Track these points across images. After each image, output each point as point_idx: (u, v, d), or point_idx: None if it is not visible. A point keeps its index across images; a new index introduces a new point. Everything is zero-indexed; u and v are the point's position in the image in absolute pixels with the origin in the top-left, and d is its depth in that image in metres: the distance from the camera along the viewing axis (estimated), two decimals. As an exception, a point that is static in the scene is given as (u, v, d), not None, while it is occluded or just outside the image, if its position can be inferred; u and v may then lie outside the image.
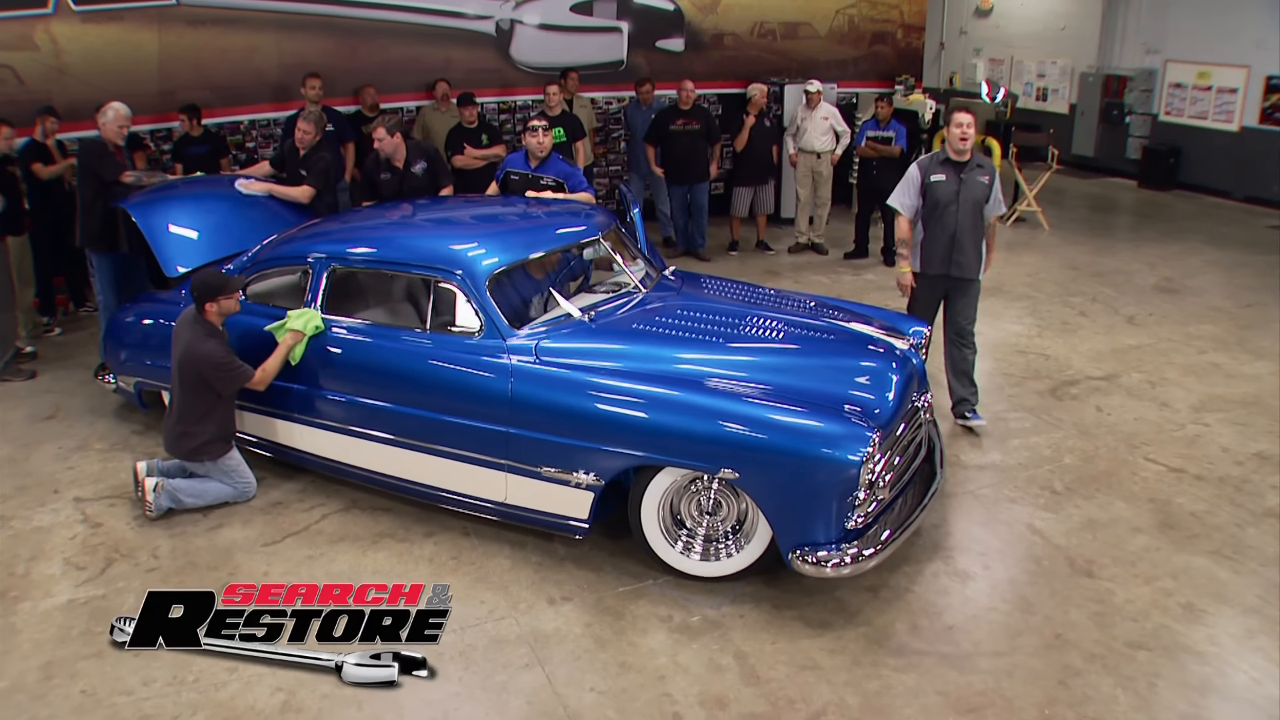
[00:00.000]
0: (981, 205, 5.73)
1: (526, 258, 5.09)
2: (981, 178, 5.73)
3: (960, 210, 5.70)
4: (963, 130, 5.65)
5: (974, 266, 5.83)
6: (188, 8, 8.87)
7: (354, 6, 9.60)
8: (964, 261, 5.78)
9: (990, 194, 5.77)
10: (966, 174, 5.71)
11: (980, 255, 5.84)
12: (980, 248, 5.83)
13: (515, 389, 4.51)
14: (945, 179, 5.72)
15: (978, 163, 5.77)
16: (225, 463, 5.13)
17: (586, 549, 4.72)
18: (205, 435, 5.03)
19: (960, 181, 5.70)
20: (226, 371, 4.93)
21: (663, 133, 9.49)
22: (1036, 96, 15.33)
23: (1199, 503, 5.14)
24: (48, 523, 5.04)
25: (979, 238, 5.78)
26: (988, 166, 5.80)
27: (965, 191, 5.69)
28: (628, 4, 10.88)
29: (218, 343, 4.97)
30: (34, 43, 8.34)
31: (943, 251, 5.79)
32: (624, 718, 3.64)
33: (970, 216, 5.71)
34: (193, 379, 4.94)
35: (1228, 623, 4.16)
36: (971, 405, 6.01)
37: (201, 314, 4.99)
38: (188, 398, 4.99)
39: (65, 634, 4.12)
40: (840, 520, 4.07)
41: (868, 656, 3.96)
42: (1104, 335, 7.65)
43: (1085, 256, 9.99)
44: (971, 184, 5.70)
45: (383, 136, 6.68)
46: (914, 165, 5.92)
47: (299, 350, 5.02)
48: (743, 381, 4.38)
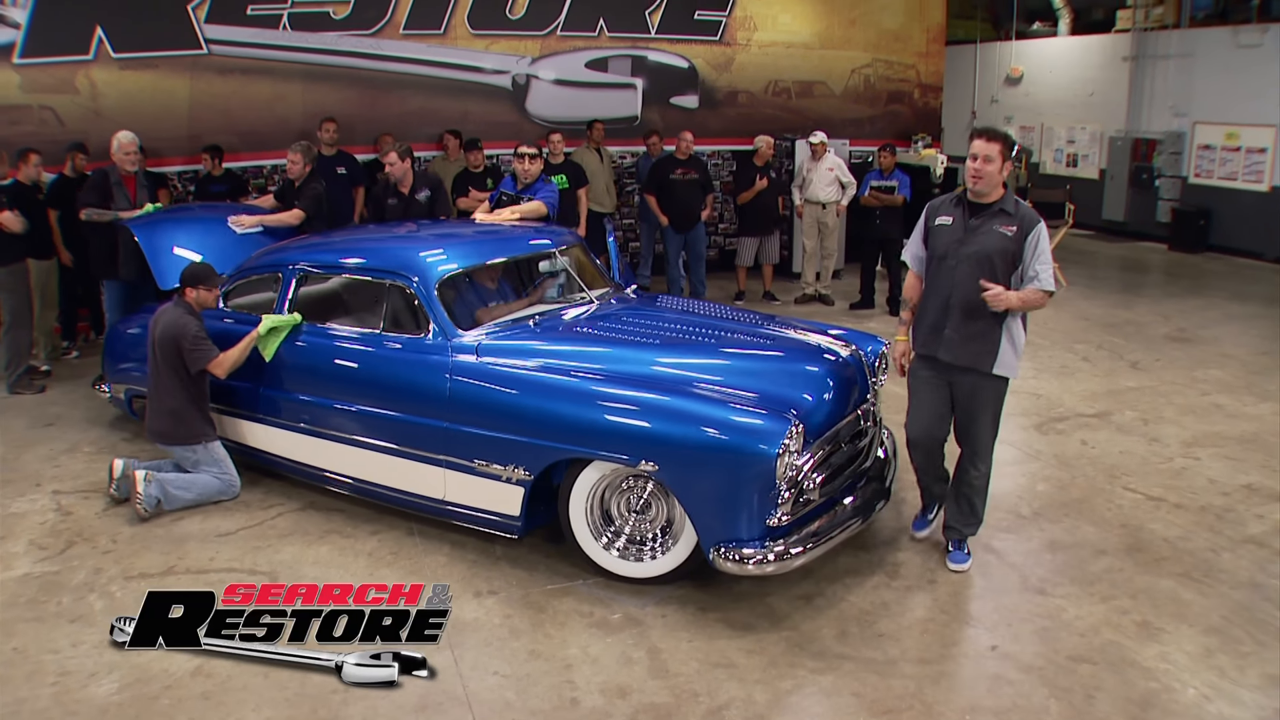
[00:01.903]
0: (994, 265, 4.16)
1: (479, 264, 5.20)
2: (1003, 228, 4.16)
3: (959, 268, 4.21)
4: (978, 163, 4.15)
5: (976, 353, 4.25)
6: (218, 57, 9.35)
7: (375, 59, 10.01)
8: (956, 342, 4.26)
9: (1019, 253, 4.17)
10: (981, 220, 4.22)
11: (994, 338, 4.22)
12: (995, 327, 4.22)
13: (453, 385, 4.57)
14: (951, 223, 4.30)
15: (1003, 208, 4.21)
16: (215, 451, 5.24)
17: (524, 550, 4.68)
18: (191, 414, 5.16)
19: (967, 229, 4.25)
20: (196, 345, 5.09)
21: (662, 181, 9.59)
22: (1066, 162, 15.24)
23: (1173, 529, 4.91)
24: (23, 510, 5.23)
25: (989, 312, 4.18)
26: (1024, 217, 4.19)
27: (971, 243, 4.20)
28: (642, 61, 11.18)
29: (194, 320, 5.15)
30: (74, 86, 8.86)
31: (930, 322, 4.37)
32: (521, 700, 3.57)
33: (972, 278, 4.15)
34: (171, 356, 5.09)
35: (1185, 641, 3.94)
36: (960, 536, 4.57)
37: (182, 297, 5.22)
38: (168, 376, 5.13)
39: (13, 601, 4.28)
40: (762, 516, 3.98)
41: (786, 658, 3.83)
42: (1103, 378, 7.44)
43: (1099, 310, 9.78)
44: (985, 235, 4.19)
45: (394, 161, 6.95)
46: (928, 205, 4.59)
47: (272, 346, 5.13)
48: (671, 380, 4.34)
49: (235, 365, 5.15)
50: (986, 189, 4.21)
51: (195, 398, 5.21)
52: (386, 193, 7.14)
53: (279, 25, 9.49)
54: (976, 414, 4.38)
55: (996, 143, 4.16)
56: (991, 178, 4.17)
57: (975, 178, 4.18)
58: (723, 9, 11.42)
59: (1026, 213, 4.24)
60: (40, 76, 8.71)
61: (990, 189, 4.21)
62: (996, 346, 4.24)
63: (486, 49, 10.52)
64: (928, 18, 12.32)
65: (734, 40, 11.58)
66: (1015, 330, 4.27)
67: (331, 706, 3.52)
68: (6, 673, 3.73)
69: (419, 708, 3.52)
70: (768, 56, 11.77)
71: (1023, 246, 4.17)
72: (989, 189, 4.21)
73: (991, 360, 4.25)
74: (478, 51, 10.49)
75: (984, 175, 4.16)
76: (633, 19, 11.07)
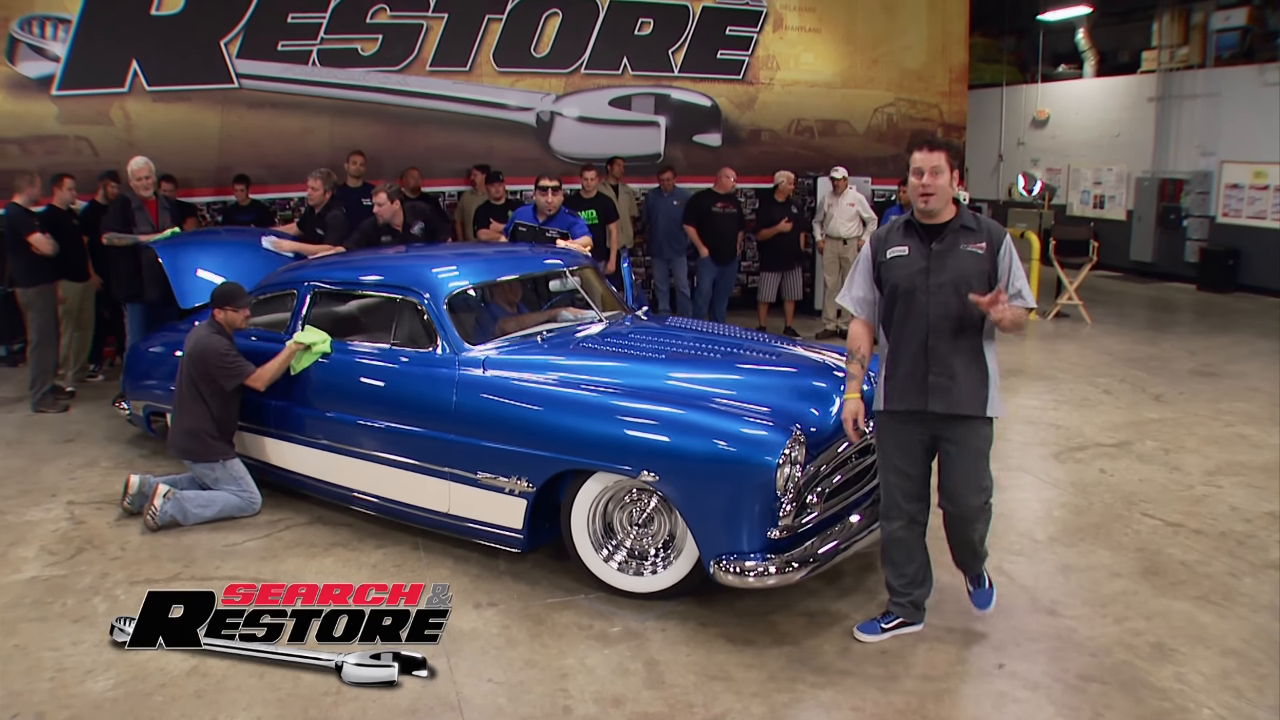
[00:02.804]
0: (972, 288, 3.60)
1: (489, 281, 5.25)
2: (972, 247, 3.65)
3: (933, 301, 3.66)
4: (925, 178, 3.60)
5: (968, 395, 3.68)
6: (249, 91, 9.61)
7: (402, 95, 10.22)
8: (949, 389, 3.67)
9: (994, 273, 3.65)
10: (945, 243, 3.68)
11: (982, 375, 3.69)
12: (982, 361, 3.70)
13: (459, 398, 4.59)
14: (908, 254, 3.72)
15: (964, 224, 3.69)
16: (234, 468, 5.27)
17: (528, 566, 4.66)
18: (210, 430, 5.19)
19: (930, 255, 3.69)
20: (229, 364, 5.14)
21: (704, 215, 9.67)
22: (1093, 204, 15.17)
23: (1192, 554, 4.80)
24: (38, 518, 5.32)
25: (974, 345, 3.68)
26: (989, 231, 3.71)
27: (941, 270, 3.65)
28: (665, 99, 11.33)
29: (224, 340, 5.22)
30: (109, 117, 9.14)
31: (910, 370, 3.72)
32: (513, 706, 3.53)
33: (952, 309, 3.64)
34: (199, 374, 5.15)
35: (1201, 663, 3.82)
36: (977, 572, 4.06)
37: (213, 318, 5.30)
38: (192, 394, 5.18)
39: (18, 601, 4.33)
40: (763, 529, 3.93)
41: (786, 673, 3.76)
42: (1125, 410, 7.33)
43: (1124, 346, 9.66)
44: (954, 258, 3.66)
45: (383, 202, 6.86)
46: (872, 237, 3.96)
47: (304, 363, 5.15)
48: (675, 393, 4.33)
49: (273, 379, 5.17)
50: (938, 206, 3.66)
51: (220, 417, 5.23)
52: (378, 231, 6.96)
53: (308, 61, 9.75)
54: (974, 468, 3.75)
55: (941, 152, 3.65)
56: (943, 192, 3.64)
57: (925, 195, 3.63)
58: (745, 49, 11.56)
59: (989, 225, 3.76)
60: (77, 108, 8.99)
61: (942, 206, 3.67)
62: (986, 381, 3.70)
63: (511, 86, 10.71)
64: (950, 57, 12.39)
65: (757, 79, 11.71)
66: (993, 362, 3.75)
67: (323, 708, 3.50)
68: (5, 668, 3.76)
69: (410, 711, 3.49)
70: (790, 95, 11.88)
71: (996, 263, 3.66)
72: (940, 206, 3.67)
73: (985, 400, 3.70)
74: (503, 88, 10.68)
75: (935, 190, 3.62)
76: (656, 58, 11.23)
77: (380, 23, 9.97)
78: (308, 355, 5.13)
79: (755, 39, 11.57)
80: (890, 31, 12.08)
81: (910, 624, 4.03)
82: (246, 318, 5.39)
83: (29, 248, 7.09)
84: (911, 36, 12.20)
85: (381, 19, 9.97)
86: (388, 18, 9.99)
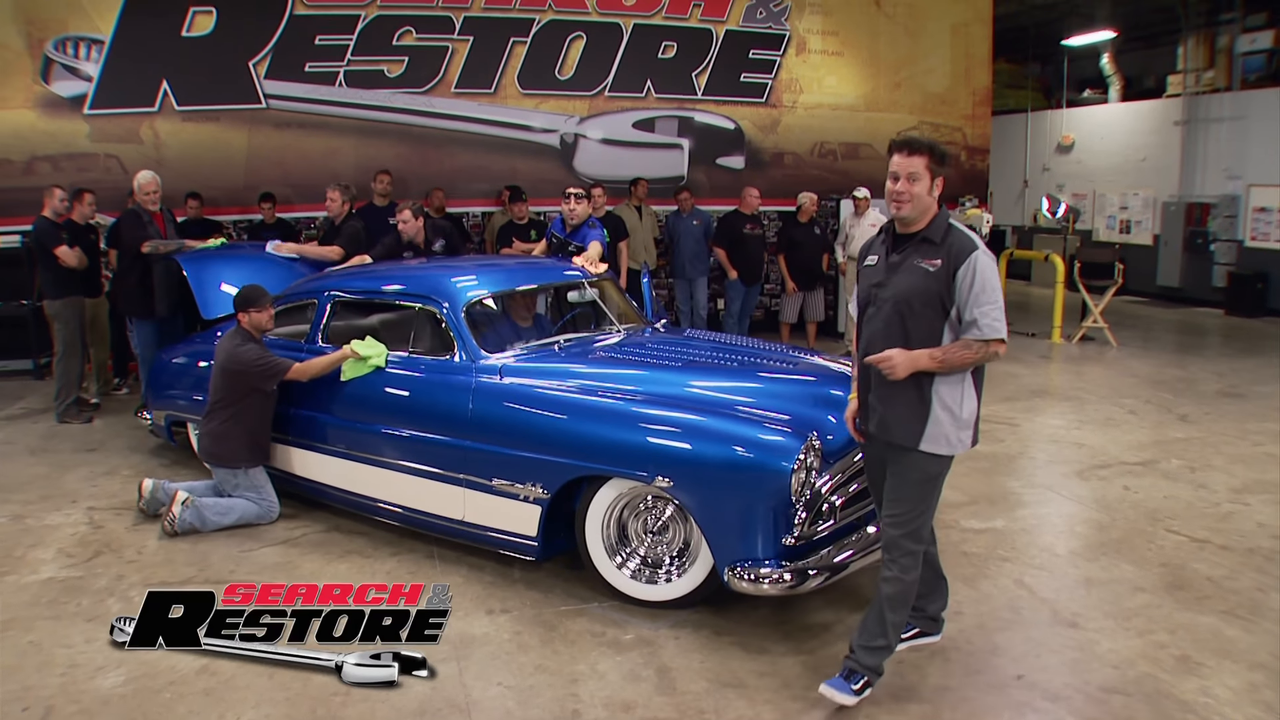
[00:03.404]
0: (914, 312, 3.28)
1: (507, 290, 5.27)
2: (924, 262, 3.28)
3: (878, 315, 3.38)
4: (900, 184, 3.25)
5: (898, 423, 3.36)
6: (276, 111, 9.76)
7: (427, 116, 10.34)
8: (880, 413, 3.40)
9: (946, 294, 3.25)
10: (903, 255, 3.35)
11: (921, 406, 3.32)
12: (921, 392, 3.31)
13: (475, 404, 4.59)
14: (875, 263, 3.46)
15: (926, 236, 3.31)
16: (256, 476, 5.29)
17: (542, 575, 4.63)
18: (240, 437, 5.20)
19: (888, 267, 3.39)
20: (264, 366, 5.14)
21: (733, 237, 9.69)
22: (1120, 229, 15.05)
23: (1218, 569, 4.70)
24: (57, 522, 5.38)
25: (914, 378, 3.30)
26: (952, 246, 3.27)
27: (890, 285, 3.35)
28: (689, 122, 11.38)
29: (255, 346, 5.22)
30: (139, 136, 9.31)
31: (860, 386, 3.56)
32: (522, 710, 3.49)
33: (888, 330, 3.33)
34: (231, 381, 5.17)
35: (1228, 676, 3.73)
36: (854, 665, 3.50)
37: (239, 325, 5.31)
38: (226, 401, 5.19)
39: (35, 600, 4.39)
40: (778, 535, 3.89)
41: (800, 681, 3.70)
42: (1150, 430, 7.22)
43: (1150, 368, 9.54)
44: (902, 273, 3.32)
45: (408, 219, 6.91)
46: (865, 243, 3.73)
47: (354, 372, 5.07)
48: (691, 400, 4.32)
49: (317, 375, 5.13)
50: (914, 214, 3.29)
51: (253, 426, 5.23)
52: (401, 247, 6.99)
53: (335, 82, 9.90)
54: (896, 493, 3.45)
55: (920, 155, 3.26)
56: (920, 200, 3.26)
57: (898, 202, 3.27)
58: (769, 72, 11.62)
59: (958, 240, 3.29)
60: (108, 126, 9.17)
61: (919, 214, 3.30)
62: (925, 415, 3.33)
63: (536, 108, 10.81)
64: (974, 80, 12.39)
65: (780, 102, 11.75)
66: (949, 396, 3.33)
67: (331, 708, 3.48)
68: (19, 663, 3.79)
69: (418, 712, 3.47)
70: (813, 118, 11.90)
71: (952, 285, 3.24)
72: (917, 214, 3.30)
73: (919, 432, 3.33)
74: (527, 110, 10.78)
75: (910, 197, 3.25)
76: (679, 81, 11.30)
77: (406, 45, 10.11)
78: (362, 366, 5.04)
79: (778, 62, 11.63)
80: (913, 55, 12.10)
81: (927, 635, 3.92)
82: (271, 317, 5.37)
83: (56, 260, 7.19)
84: (934, 60, 12.21)
85: (407, 41, 10.11)
86: (413, 40, 10.13)
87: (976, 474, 6.17)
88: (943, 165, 3.30)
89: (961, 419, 3.37)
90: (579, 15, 10.73)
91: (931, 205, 3.32)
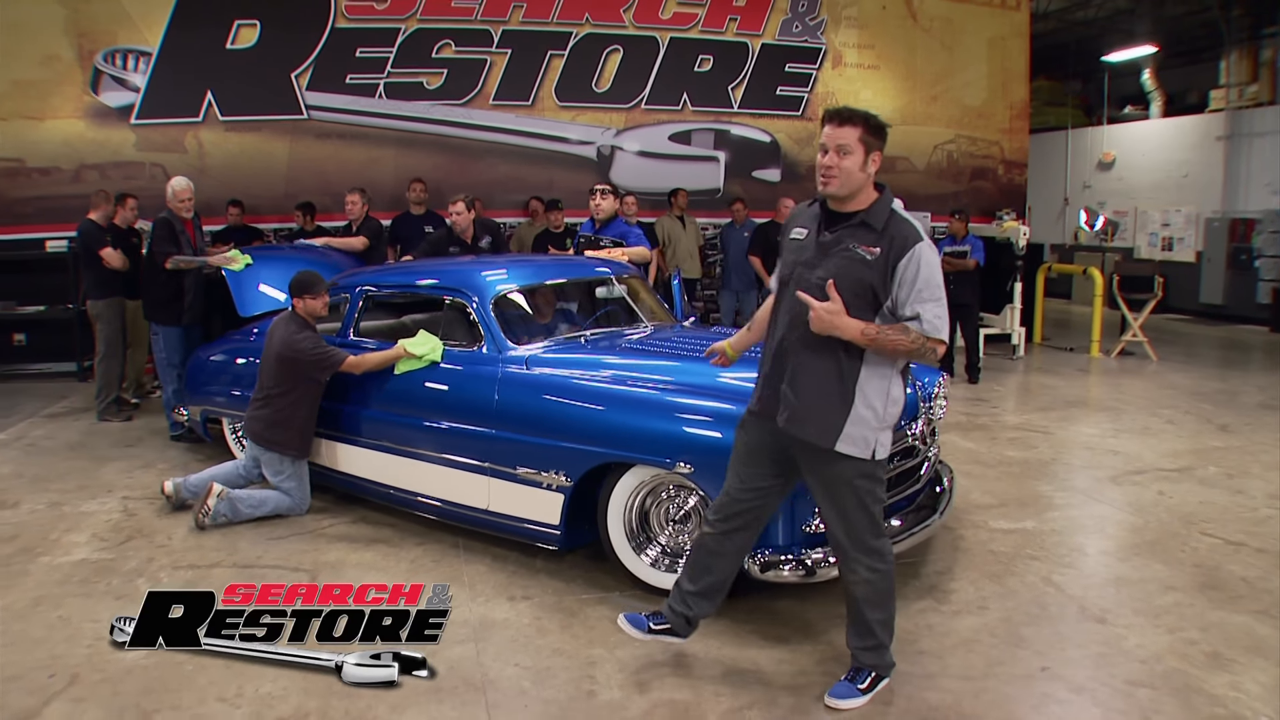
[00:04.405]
0: (844, 298, 3.02)
1: (536, 284, 5.32)
2: (861, 248, 3.05)
3: (795, 297, 3.15)
4: (829, 156, 3.03)
5: (812, 419, 3.12)
6: (317, 122, 9.96)
7: (465, 128, 10.48)
8: (794, 406, 3.15)
9: (882, 287, 3.05)
10: (834, 235, 3.12)
11: (840, 401, 3.10)
12: (842, 386, 3.10)
13: (501, 394, 4.63)
14: (804, 237, 3.21)
15: (865, 220, 3.08)
16: (301, 467, 5.36)
17: (565, 565, 4.64)
18: (295, 425, 5.24)
19: (819, 246, 3.14)
20: (319, 356, 5.17)
21: (769, 245, 9.70)
22: (1162, 246, 14.84)
23: (1253, 570, 4.59)
24: (92, 510, 5.51)
25: (838, 365, 3.09)
26: (895, 235, 3.04)
27: (820, 266, 3.11)
28: (725, 134, 11.42)
29: (310, 334, 5.26)
30: (183, 145, 9.55)
31: (768, 371, 3.29)
32: (537, 689, 3.50)
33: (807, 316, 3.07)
34: (287, 369, 5.19)
35: (1259, 673, 3.64)
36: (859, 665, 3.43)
37: (294, 310, 5.34)
38: (281, 388, 5.22)
39: (66, 579, 4.50)
40: (797, 522, 3.88)
41: (818, 668, 3.67)
42: (1188, 439, 7.09)
43: (1190, 381, 9.38)
44: (834, 256, 3.09)
45: (461, 211, 7.06)
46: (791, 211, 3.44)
47: (407, 366, 5.06)
48: (712, 388, 4.32)
49: (372, 369, 5.14)
50: (842, 191, 3.06)
51: (305, 415, 5.26)
52: (450, 241, 7.17)
53: (375, 94, 10.08)
54: (838, 508, 3.22)
55: (854, 126, 3.02)
56: (850, 177, 3.03)
57: (825, 177, 3.04)
58: (805, 85, 11.64)
59: (901, 229, 3.05)
60: (153, 136, 9.43)
61: (849, 191, 3.06)
62: (847, 411, 3.09)
63: (573, 120, 10.91)
64: (1011, 94, 12.32)
65: (816, 115, 11.71)
66: (874, 393, 3.10)
67: (345, 686, 3.51)
68: (47, 635, 3.88)
69: (434, 690, 3.49)
70: (849, 132, 11.85)
71: (890, 277, 3.02)
72: (846, 191, 3.06)
73: (838, 429, 3.09)
74: (564, 122, 10.88)
75: (839, 173, 3.02)
76: (716, 94, 11.35)
77: (445, 58, 10.28)
78: (417, 361, 5.03)
79: (815, 76, 11.65)
80: (950, 68, 12.07)
81: (675, 635, 3.61)
82: (326, 304, 5.40)
83: (100, 261, 7.37)
84: (971, 73, 12.17)
85: (447, 54, 10.28)
86: (453, 53, 10.30)
87: (1007, 478, 6.10)
88: (879, 139, 3.08)
89: (884, 419, 3.15)
90: (616, 29, 10.84)
91: (864, 182, 3.09)
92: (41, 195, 9.41)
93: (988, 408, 8.24)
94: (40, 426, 7.53)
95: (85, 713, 3.32)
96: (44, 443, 7.01)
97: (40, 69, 9.30)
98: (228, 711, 3.33)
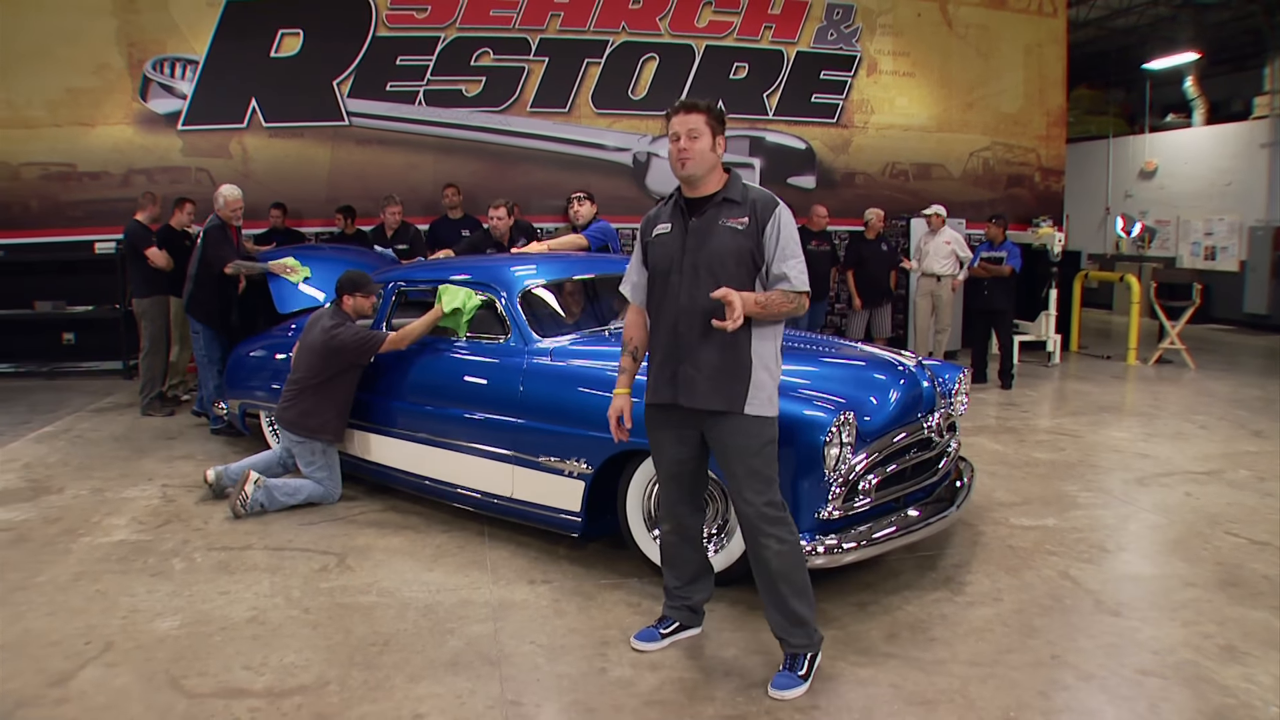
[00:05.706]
0: (729, 273, 3.26)
1: (563, 279, 5.44)
2: (731, 221, 3.30)
3: (684, 283, 3.33)
4: (681, 143, 3.28)
5: (718, 389, 3.31)
6: (358, 129, 10.20)
7: (503, 134, 10.66)
8: (698, 381, 3.32)
9: (757, 251, 3.30)
10: (702, 218, 3.33)
11: (739, 369, 3.31)
12: (739, 354, 3.31)
13: (526, 384, 4.75)
14: (670, 230, 3.41)
15: (726, 196, 3.33)
16: (333, 455, 5.53)
17: (585, 553, 4.74)
18: (329, 411, 5.39)
19: (688, 232, 3.36)
20: (362, 341, 5.32)
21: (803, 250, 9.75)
22: (1205, 255, 14.62)
23: (1276, 568, 4.55)
24: (133, 496, 5.73)
25: (730, 336, 3.22)
26: (755, 203, 3.32)
27: (695, 249, 3.32)
28: (760, 141, 11.49)
29: (350, 324, 5.41)
30: (228, 151, 9.84)
31: (663, 360, 3.41)
32: (550, 665, 3.59)
33: (702, 293, 3.26)
34: (327, 359, 5.33)
35: (1274, 665, 3.62)
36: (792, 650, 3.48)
37: (339, 306, 5.50)
38: (316, 378, 5.35)
39: (105, 557, 4.70)
40: (811, 508, 3.94)
41: (829, 652, 3.69)
42: (1220, 443, 7.01)
43: (1227, 389, 9.25)
44: (710, 235, 3.31)
45: (502, 215, 7.24)
46: (645, 217, 3.62)
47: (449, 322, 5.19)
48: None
49: (416, 339, 5.29)
50: (699, 170, 3.29)
51: (340, 401, 5.39)
52: (487, 242, 7.40)
53: (415, 101, 10.30)
54: (741, 466, 3.36)
55: (697, 114, 3.29)
56: (703, 157, 3.28)
57: (682, 160, 3.28)
58: (840, 92, 11.68)
59: (759, 196, 3.34)
60: (199, 141, 9.73)
61: (703, 170, 3.30)
62: (748, 378, 3.31)
63: (609, 127, 11.05)
64: (1048, 101, 12.26)
65: (851, 122, 11.79)
66: (767, 355, 3.35)
67: (368, 655, 3.63)
68: (86, 605, 4.07)
69: (451, 663, 3.59)
70: (885, 139, 11.90)
71: (761, 240, 3.28)
72: (701, 170, 3.30)
73: (742, 395, 3.30)
74: (600, 129, 11.02)
75: (693, 154, 3.26)
76: (751, 101, 11.43)
77: (484, 65, 10.48)
78: (458, 317, 5.14)
79: (849, 83, 11.68)
80: (985, 75, 12.04)
81: (688, 628, 3.80)
82: (375, 305, 5.57)
83: (146, 261, 7.63)
84: (1007, 81, 12.13)
85: (485, 62, 10.48)
86: (491, 61, 10.49)
87: (1032, 478, 6.09)
88: (721, 125, 3.35)
89: (776, 378, 3.42)
90: (652, 37, 10.98)
91: (715, 163, 3.34)
92: (91, 199, 9.76)
93: (1019, 412, 8.21)
94: (86, 420, 7.80)
95: (118, 677, 3.47)
96: (89, 435, 7.27)
97: (92, 77, 9.65)
98: (251, 678, 3.46)
